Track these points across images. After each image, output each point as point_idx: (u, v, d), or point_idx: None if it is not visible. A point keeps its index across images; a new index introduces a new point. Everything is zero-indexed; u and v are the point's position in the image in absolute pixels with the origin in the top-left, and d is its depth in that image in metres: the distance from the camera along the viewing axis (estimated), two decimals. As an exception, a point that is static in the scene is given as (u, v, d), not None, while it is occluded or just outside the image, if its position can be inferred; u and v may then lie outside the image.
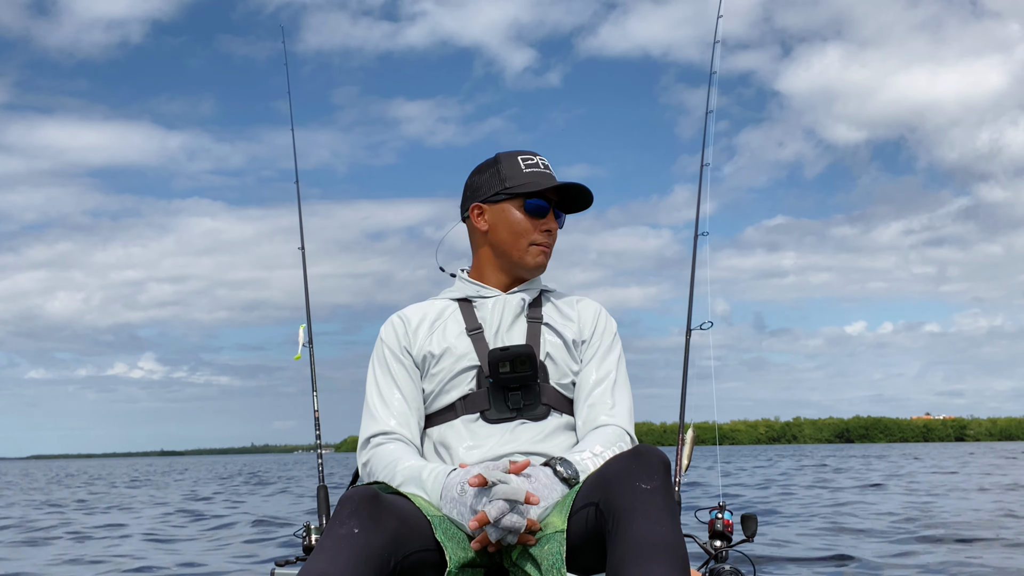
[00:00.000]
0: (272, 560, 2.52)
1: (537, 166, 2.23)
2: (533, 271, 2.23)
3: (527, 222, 2.20)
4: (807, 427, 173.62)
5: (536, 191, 2.20)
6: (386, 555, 1.69)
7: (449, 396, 2.13)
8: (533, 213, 2.20)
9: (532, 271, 2.23)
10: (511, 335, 2.18)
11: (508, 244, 2.21)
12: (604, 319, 2.27)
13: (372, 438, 2.11)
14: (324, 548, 1.66)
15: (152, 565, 6.86)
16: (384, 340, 2.21)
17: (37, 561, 7.40)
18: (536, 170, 2.22)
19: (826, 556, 6.51)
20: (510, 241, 2.21)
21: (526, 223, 2.20)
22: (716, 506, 2.46)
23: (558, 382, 2.16)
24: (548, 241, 2.22)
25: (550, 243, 2.23)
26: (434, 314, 2.23)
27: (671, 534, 1.68)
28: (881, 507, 11.12)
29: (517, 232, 2.20)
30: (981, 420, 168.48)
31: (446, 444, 2.11)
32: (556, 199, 2.24)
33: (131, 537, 9.33)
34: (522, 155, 2.25)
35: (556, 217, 2.25)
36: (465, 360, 2.14)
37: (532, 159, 2.24)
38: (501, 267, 2.25)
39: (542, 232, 2.21)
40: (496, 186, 2.22)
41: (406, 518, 1.78)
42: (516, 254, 2.21)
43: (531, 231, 2.20)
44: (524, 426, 2.09)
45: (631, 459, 1.77)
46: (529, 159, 2.24)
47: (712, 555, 2.42)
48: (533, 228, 2.20)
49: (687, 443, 2.69)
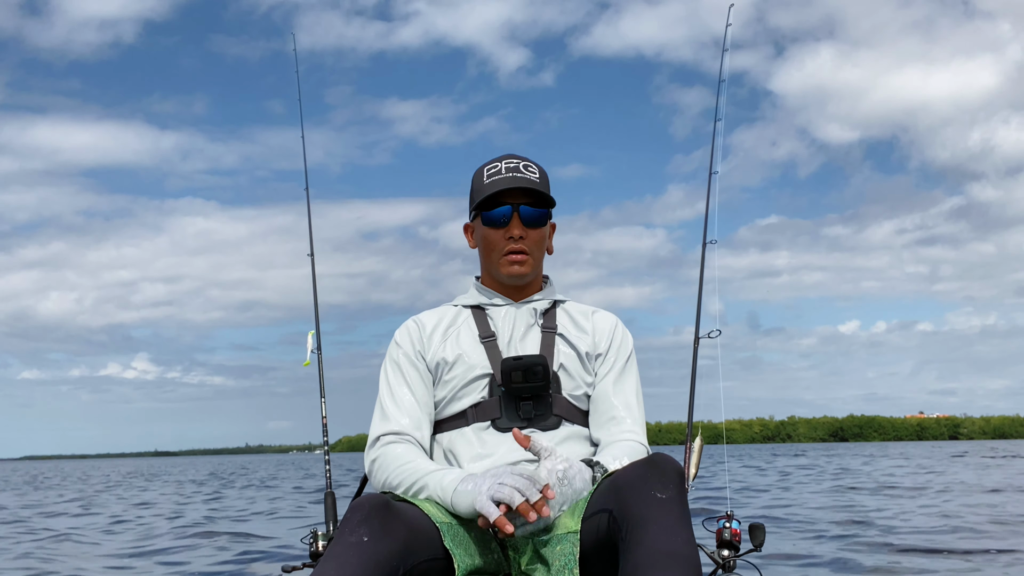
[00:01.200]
0: (280, 564, 2.51)
1: (499, 172, 2.18)
2: (512, 281, 2.21)
3: (492, 233, 2.18)
4: (802, 426, 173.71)
5: (486, 199, 2.16)
6: (395, 563, 1.70)
7: (461, 403, 2.14)
8: (491, 223, 2.17)
9: (512, 281, 2.21)
10: (524, 344, 2.17)
11: (486, 259, 2.22)
12: (621, 333, 2.26)
13: (382, 436, 2.11)
14: (334, 555, 1.67)
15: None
16: (399, 343, 2.21)
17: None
18: (497, 177, 2.17)
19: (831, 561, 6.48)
20: (486, 256, 2.21)
21: (491, 235, 2.18)
22: (724, 515, 2.45)
23: (571, 393, 2.16)
24: (518, 247, 2.17)
25: (521, 248, 2.17)
26: (448, 320, 2.23)
27: (685, 544, 1.68)
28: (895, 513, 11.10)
29: (487, 247, 2.20)
30: (975, 419, 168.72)
31: (455, 451, 2.11)
32: (526, 199, 2.17)
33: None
34: (489, 165, 2.22)
35: (527, 218, 2.17)
36: (478, 368, 2.14)
37: (496, 166, 2.20)
38: (495, 280, 2.24)
39: (507, 240, 2.17)
40: (471, 203, 2.23)
41: (416, 526, 1.78)
42: (494, 268, 2.20)
43: (498, 241, 2.17)
44: (534, 435, 2.08)
45: (646, 467, 1.78)
46: (493, 167, 2.20)
47: (720, 564, 2.42)
48: (499, 238, 2.17)
49: (695, 451, 2.67)
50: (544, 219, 2.20)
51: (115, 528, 10.44)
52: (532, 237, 2.18)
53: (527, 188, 2.15)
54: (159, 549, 7.98)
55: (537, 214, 2.18)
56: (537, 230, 2.19)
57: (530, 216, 2.17)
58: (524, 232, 2.16)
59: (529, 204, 2.17)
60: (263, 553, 7.42)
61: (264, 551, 7.53)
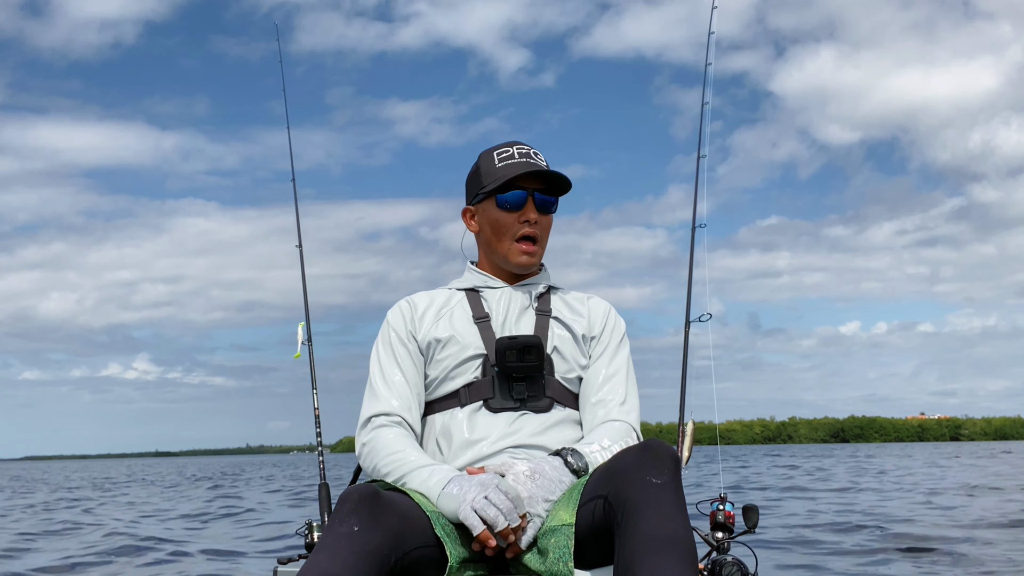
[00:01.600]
0: (275, 558, 2.51)
1: (512, 157, 2.19)
2: (520, 270, 2.22)
3: (505, 217, 2.18)
4: (803, 427, 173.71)
5: (504, 183, 2.16)
6: (387, 552, 1.69)
7: (453, 383, 2.13)
8: (507, 206, 2.18)
9: (519, 270, 2.22)
10: (519, 326, 2.17)
11: (494, 243, 2.21)
12: (614, 318, 2.27)
13: (373, 418, 2.10)
14: (325, 546, 1.67)
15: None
16: (391, 323, 2.21)
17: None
18: (511, 161, 2.18)
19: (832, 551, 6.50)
20: (495, 240, 2.21)
21: (504, 218, 2.18)
22: (717, 497, 2.47)
23: (564, 376, 2.16)
24: (531, 232, 2.18)
25: (534, 233, 2.18)
26: (441, 301, 2.23)
27: (681, 529, 1.68)
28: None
29: (498, 230, 2.20)
30: (976, 420, 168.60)
31: (447, 432, 2.11)
32: (539, 185, 2.19)
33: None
34: (499, 149, 2.22)
35: (541, 204, 2.19)
36: (471, 348, 2.13)
37: (507, 151, 2.21)
38: (496, 265, 2.25)
39: (522, 223, 2.18)
40: (476, 187, 2.22)
41: (406, 515, 1.78)
42: (502, 252, 2.20)
43: (511, 225, 2.18)
44: (526, 417, 2.09)
45: (641, 453, 1.78)
46: (504, 151, 2.21)
47: (714, 546, 2.43)
48: (513, 221, 2.18)
49: (687, 436, 2.69)
50: (554, 207, 2.23)
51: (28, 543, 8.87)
52: (543, 224, 2.21)
53: (541, 174, 2.17)
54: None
55: (551, 201, 2.21)
56: (547, 217, 2.22)
57: (544, 202, 2.19)
58: (538, 217, 2.18)
59: (542, 191, 2.19)
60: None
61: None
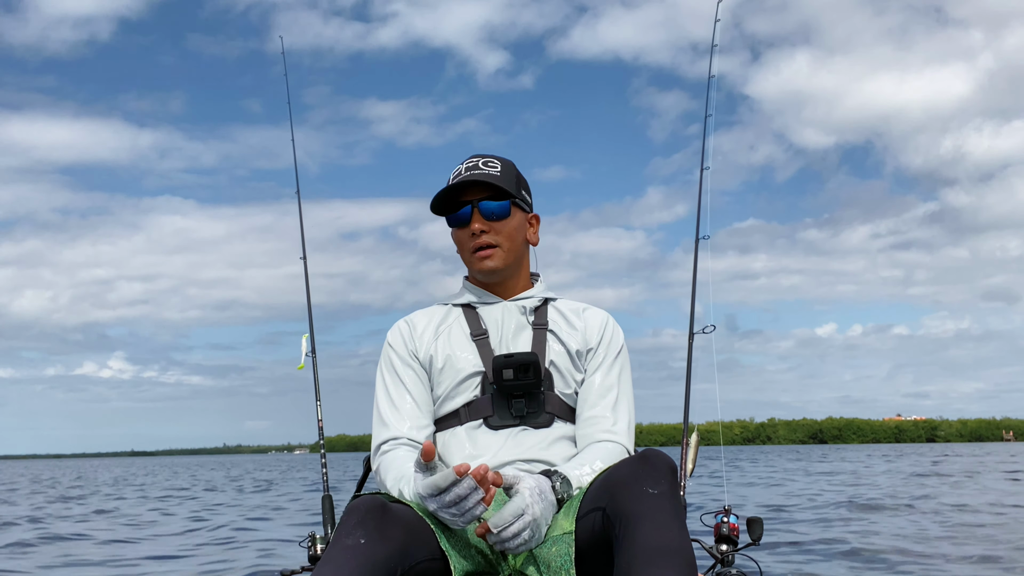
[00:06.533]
0: (279, 571, 2.50)
1: (460, 173, 2.18)
2: (486, 277, 2.20)
3: (459, 234, 2.21)
4: (781, 428, 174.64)
5: (446, 203, 2.17)
6: (392, 565, 1.69)
7: (454, 402, 2.14)
8: (455, 223, 2.20)
9: (486, 278, 2.21)
10: (516, 342, 2.17)
11: (463, 260, 2.23)
12: (611, 329, 2.24)
13: (382, 445, 2.11)
14: (330, 559, 1.66)
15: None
16: (392, 345, 2.21)
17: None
18: (457, 178, 2.17)
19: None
20: (462, 257, 2.23)
21: (459, 235, 2.21)
22: (721, 509, 2.47)
23: (562, 391, 2.15)
24: (482, 242, 2.16)
25: (487, 242, 2.16)
26: (439, 319, 2.23)
27: (679, 539, 1.68)
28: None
29: (459, 247, 2.23)
30: (951, 421, 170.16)
31: (448, 450, 2.11)
32: (484, 193, 2.16)
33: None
34: (456, 168, 2.21)
35: (486, 212, 2.15)
36: (470, 366, 2.13)
37: (458, 169, 2.20)
38: (479, 280, 2.25)
39: (471, 237, 2.17)
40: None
41: (412, 528, 1.77)
42: (469, 267, 2.22)
43: (466, 240, 2.18)
44: (526, 433, 2.08)
45: (638, 464, 1.77)
46: (456, 170, 2.21)
47: (718, 559, 2.43)
48: (466, 237, 2.18)
49: (692, 447, 2.67)
50: (506, 211, 2.16)
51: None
52: (498, 229, 2.16)
53: (483, 182, 2.14)
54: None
55: (496, 206, 2.15)
56: (502, 222, 2.17)
57: (489, 209, 2.15)
58: (487, 226, 2.15)
59: (488, 198, 2.15)
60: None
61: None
